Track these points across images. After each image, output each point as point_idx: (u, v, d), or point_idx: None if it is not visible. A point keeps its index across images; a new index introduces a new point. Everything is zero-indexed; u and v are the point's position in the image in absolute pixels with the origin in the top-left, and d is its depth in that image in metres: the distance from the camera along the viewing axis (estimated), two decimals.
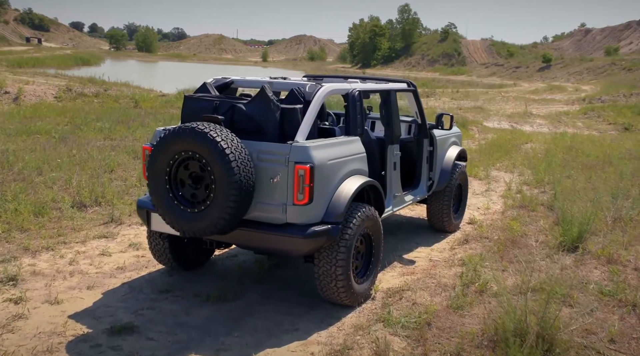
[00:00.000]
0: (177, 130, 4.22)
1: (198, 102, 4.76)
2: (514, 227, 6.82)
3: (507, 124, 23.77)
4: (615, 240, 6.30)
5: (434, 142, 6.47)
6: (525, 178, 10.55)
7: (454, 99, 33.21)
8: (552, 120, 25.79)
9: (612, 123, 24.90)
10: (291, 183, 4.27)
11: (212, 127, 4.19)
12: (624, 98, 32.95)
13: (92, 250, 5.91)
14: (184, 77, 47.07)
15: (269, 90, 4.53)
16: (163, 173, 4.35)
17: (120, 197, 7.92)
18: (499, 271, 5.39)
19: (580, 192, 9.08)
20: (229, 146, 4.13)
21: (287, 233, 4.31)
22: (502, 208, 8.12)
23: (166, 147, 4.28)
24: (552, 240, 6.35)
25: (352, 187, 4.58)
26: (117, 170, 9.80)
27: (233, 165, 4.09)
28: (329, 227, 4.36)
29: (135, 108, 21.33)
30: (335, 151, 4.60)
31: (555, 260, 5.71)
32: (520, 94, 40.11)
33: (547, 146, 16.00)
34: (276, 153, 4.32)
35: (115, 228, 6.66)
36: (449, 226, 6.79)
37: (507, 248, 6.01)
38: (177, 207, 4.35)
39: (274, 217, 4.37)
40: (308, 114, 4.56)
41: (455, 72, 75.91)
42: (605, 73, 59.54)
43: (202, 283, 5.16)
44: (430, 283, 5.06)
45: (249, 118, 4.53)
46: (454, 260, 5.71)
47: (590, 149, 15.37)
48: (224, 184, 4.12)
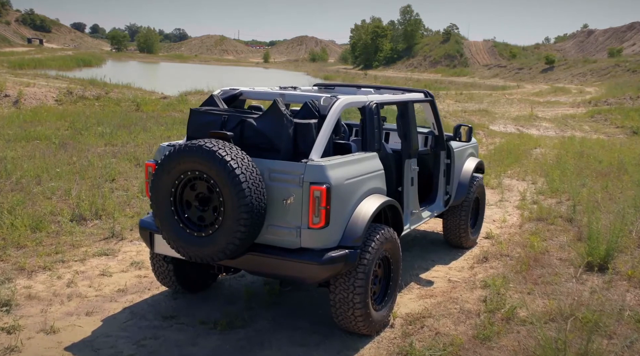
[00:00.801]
0: (183, 148, 3.91)
1: (205, 116, 4.44)
2: (534, 243, 6.49)
3: (513, 128, 23.45)
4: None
5: (451, 154, 6.15)
6: (539, 187, 10.23)
7: (458, 102, 32.88)
8: (559, 123, 25.46)
9: (620, 126, 24.57)
10: (306, 205, 3.95)
11: (220, 144, 3.87)
12: (631, 101, 32.60)
13: (91, 269, 5.59)
14: (186, 78, 46.81)
15: (281, 104, 4.21)
16: (168, 193, 4.03)
17: (122, 209, 7.60)
18: (525, 294, 5.06)
19: (598, 203, 8.76)
20: (239, 166, 3.81)
21: (302, 259, 3.99)
22: (519, 220, 7.79)
23: (171, 166, 3.96)
24: (577, 258, 6.02)
25: (370, 208, 4.26)
26: (118, 179, 9.49)
27: (244, 187, 3.78)
28: (346, 252, 4.04)
29: (136, 112, 21.03)
30: (353, 169, 4.28)
31: (582, 281, 5.39)
32: (524, 96, 39.78)
33: (557, 151, 15.67)
34: (289, 173, 4.00)
35: (116, 244, 6.34)
36: (466, 242, 6.47)
37: (530, 267, 5.68)
38: (183, 230, 4.03)
39: (287, 240, 4.05)
40: (323, 130, 4.24)
41: (457, 73, 75.57)
42: (609, 74, 59.17)
43: (208, 307, 4.84)
44: (453, 308, 4.73)
45: (259, 134, 4.21)
46: (475, 281, 5.38)
47: (601, 155, 15.04)
48: (234, 207, 3.80)
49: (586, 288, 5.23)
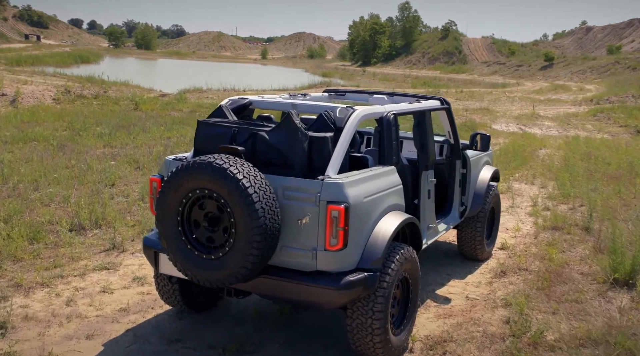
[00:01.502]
0: (191, 165, 3.64)
1: (213, 128, 4.17)
2: (552, 255, 6.24)
3: (516, 127, 23.21)
4: None
5: (467, 163, 5.89)
6: (550, 192, 9.98)
7: (459, 100, 32.61)
8: (561, 122, 25.23)
9: (624, 125, 24.34)
10: (322, 226, 3.69)
11: (231, 161, 3.61)
12: (633, 100, 32.36)
13: (91, 285, 5.32)
14: (184, 75, 46.51)
15: (295, 116, 3.94)
16: (174, 212, 3.76)
17: (122, 217, 7.33)
18: (549, 314, 4.81)
19: (613, 210, 8.52)
20: (252, 184, 3.54)
21: (318, 283, 3.72)
22: (533, 229, 7.54)
23: (178, 184, 3.70)
24: (599, 272, 5.78)
25: (390, 227, 4.00)
26: (118, 184, 9.22)
27: (257, 207, 3.51)
28: (365, 275, 3.78)
29: (135, 111, 20.74)
30: (371, 186, 4.02)
31: (608, 299, 5.14)
32: (524, 94, 39.53)
33: (564, 153, 15.43)
34: (305, 191, 3.73)
35: (117, 256, 6.07)
36: (482, 254, 6.22)
37: (552, 283, 5.43)
38: (191, 251, 3.77)
39: (302, 263, 3.79)
40: (340, 144, 3.97)
41: (456, 70, 75.31)
42: (608, 72, 58.94)
43: (216, 329, 4.58)
44: (475, 331, 4.48)
45: (272, 149, 3.94)
46: (495, 299, 5.13)
47: (609, 156, 14.80)
48: (246, 229, 3.54)
49: (613, 307, 4.98)
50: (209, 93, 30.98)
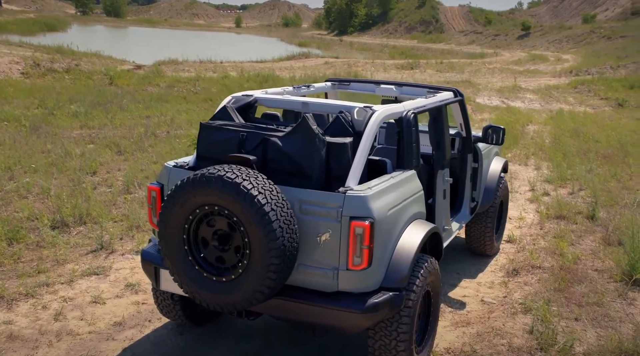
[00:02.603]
0: (199, 179, 3.24)
1: (219, 132, 3.75)
2: (563, 250, 6.01)
3: (498, 100, 23.02)
4: None
5: (479, 157, 5.58)
6: (546, 175, 9.77)
7: (439, 71, 32.28)
8: (543, 94, 25.12)
9: (604, 98, 24.34)
10: (345, 244, 3.34)
11: (244, 174, 3.22)
12: (612, 71, 32.42)
13: (81, 295, 4.92)
14: (157, 45, 45.21)
15: (312, 121, 3.54)
16: (179, 230, 3.38)
17: (108, 211, 6.89)
18: (572, 321, 4.58)
19: (613, 194, 8.34)
20: (268, 201, 3.17)
21: (341, 305, 3.39)
22: (537, 218, 7.30)
23: (184, 199, 3.30)
24: (614, 268, 5.57)
25: (415, 241, 3.67)
26: (99, 172, 8.73)
27: (274, 227, 3.14)
28: (391, 295, 3.45)
29: (110, 86, 19.99)
30: (395, 196, 3.67)
31: (629, 301, 4.93)
32: (504, 65, 39.36)
33: (552, 129, 15.27)
34: (325, 205, 3.37)
35: (106, 259, 5.66)
36: (491, 250, 5.96)
37: (568, 283, 5.20)
38: (199, 273, 3.40)
39: (322, 283, 3.45)
40: (360, 151, 3.60)
41: (433, 39, 74.77)
42: (584, 42, 59.09)
43: (221, 345, 4.23)
44: (499, 344, 4.21)
45: (285, 157, 3.55)
46: (512, 304, 4.87)
47: (596, 133, 14.69)
48: (263, 250, 3.17)
49: (637, 310, 4.77)
50: (185, 65, 30.10)
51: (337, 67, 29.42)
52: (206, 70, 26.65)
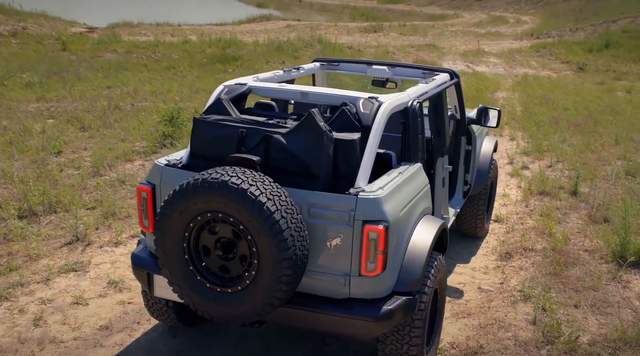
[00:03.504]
0: (200, 184, 2.96)
1: (215, 128, 3.44)
2: (552, 229, 5.97)
3: (463, 64, 22.99)
4: None
5: (472, 139, 5.41)
6: (522, 146, 9.75)
7: (403, 34, 31.96)
8: (506, 58, 25.20)
9: (566, 62, 24.59)
10: (358, 249, 3.14)
11: (251, 179, 2.96)
12: (571, 33, 32.72)
13: (60, 295, 4.61)
14: (108, 4, 43.16)
15: (318, 116, 3.28)
16: (179, 238, 3.11)
17: (79, 197, 6.50)
18: (571, 308, 4.54)
19: (590, 166, 8.38)
20: (278, 208, 2.92)
21: (354, 313, 3.21)
22: (520, 195, 7.26)
23: (184, 206, 3.03)
24: (603, 248, 5.56)
25: (427, 241, 3.49)
26: (65, 152, 8.26)
27: (285, 236, 2.91)
28: (404, 300, 3.28)
29: (63, 52, 19.02)
30: (405, 194, 3.47)
31: (624, 284, 4.92)
32: (465, 27, 39.25)
33: (520, 96, 15.29)
34: (335, 208, 3.14)
35: (83, 252, 5.32)
36: (481, 231, 5.87)
37: (563, 266, 5.16)
38: (201, 284, 3.15)
39: (332, 289, 3.25)
40: (369, 147, 3.36)
41: (393, 0, 73.93)
42: (542, 2, 59.39)
43: (217, 348, 4.02)
44: (504, 338, 4.12)
45: (290, 155, 3.29)
46: (511, 291, 4.79)
47: (563, 99, 14.80)
48: (273, 261, 2.94)
49: (632, 294, 4.76)
50: (141, 28, 28.91)
51: (299, 30, 28.76)
52: (164, 34, 25.64)
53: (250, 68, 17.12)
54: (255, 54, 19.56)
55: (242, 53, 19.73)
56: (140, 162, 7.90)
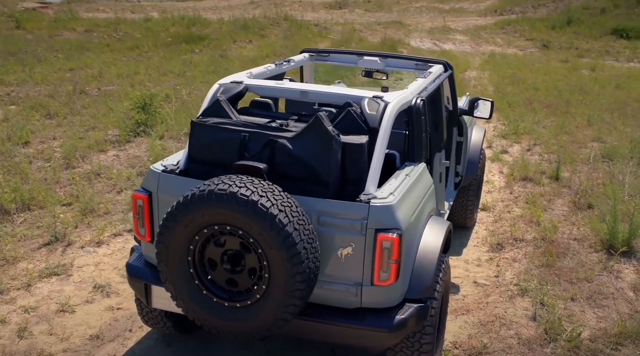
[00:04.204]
0: (207, 196, 2.79)
1: (215, 132, 3.25)
2: (539, 217, 5.99)
3: (430, 42, 22.96)
4: None
5: (464, 130, 5.34)
6: (499, 129, 9.77)
7: (368, 11, 31.71)
8: (472, 36, 25.28)
9: (530, 39, 24.82)
10: (370, 258, 3.02)
11: (260, 189, 2.80)
12: (533, 10, 32.98)
13: (44, 302, 4.38)
14: None
15: (326, 120, 3.12)
16: (183, 251, 2.94)
17: (52, 191, 6.21)
18: (568, 301, 4.55)
19: (568, 149, 8.45)
20: (290, 220, 2.78)
21: (366, 324, 3.10)
22: (503, 181, 7.26)
23: (189, 219, 2.85)
24: (591, 237, 5.60)
25: (436, 245, 3.40)
26: (32, 142, 7.89)
27: (299, 249, 2.77)
28: (416, 308, 3.19)
29: (18, 30, 18.24)
30: (414, 197, 3.36)
31: (616, 274, 4.96)
32: (430, 3, 39.08)
33: (491, 76, 15.34)
34: (346, 217, 3.01)
35: (63, 254, 5.08)
36: (471, 221, 5.83)
37: (555, 257, 5.16)
38: (208, 298, 3.00)
39: (343, 299, 3.14)
40: (378, 151, 3.22)
41: None
42: None
43: (216, 354, 3.89)
44: (507, 335, 4.09)
45: (296, 161, 3.12)
46: (507, 285, 4.77)
47: (532, 78, 14.91)
48: (286, 275, 2.81)
49: (626, 284, 4.80)
50: (98, 4, 27.99)
51: (264, 6, 28.24)
52: (124, 11, 24.85)
53: (218, 48, 16.72)
54: (221, 33, 19.10)
55: (208, 32, 19.24)
56: (114, 152, 7.60)
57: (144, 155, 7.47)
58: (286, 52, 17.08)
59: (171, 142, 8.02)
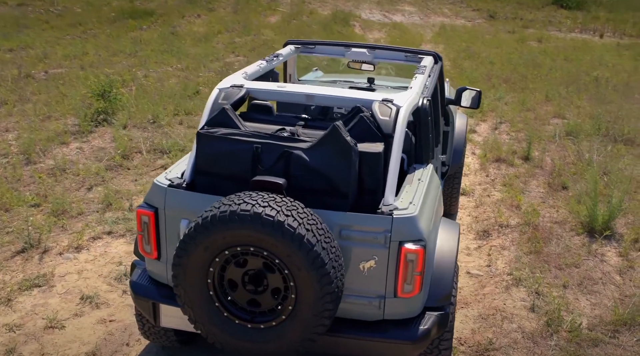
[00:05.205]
0: (229, 217, 2.64)
1: (224, 143, 3.07)
2: (519, 201, 6.08)
3: (380, 14, 22.86)
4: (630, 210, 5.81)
5: (450, 120, 5.30)
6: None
7: None
8: (420, 6, 25.29)
9: (476, 9, 25.06)
10: (394, 271, 2.95)
11: (285, 208, 2.67)
12: None
13: (29, 318, 4.12)
14: None
15: (344, 130, 3.00)
16: (202, 274, 2.80)
17: (16, 192, 5.85)
18: (560, 288, 4.64)
19: (532, 126, 8.61)
20: (318, 239, 2.67)
21: (389, 337, 3.05)
22: (477, 163, 7.33)
23: (210, 241, 2.70)
24: (571, 219, 5.73)
25: (452, 251, 3.36)
26: None
27: (328, 269, 2.68)
28: (437, 316, 3.15)
29: None
30: (429, 203, 3.29)
31: (600, 257, 5.09)
32: None
33: (445, 49, 15.40)
34: (369, 230, 2.92)
35: (41, 261, 4.79)
36: (455, 209, 5.85)
37: (541, 242, 5.25)
38: (229, 321, 2.87)
39: (365, 312, 3.07)
40: (394, 159, 3.12)
41: None
42: None
43: None
44: (510, 329, 4.13)
45: (314, 173, 2.98)
46: (501, 275, 4.82)
47: (485, 51, 15.09)
48: (315, 296, 2.71)
49: (611, 268, 4.94)
50: None
51: None
52: None
53: (168, 24, 16.11)
54: (167, 7, 18.41)
55: (153, 6, 18.49)
56: (77, 145, 7.21)
57: (110, 147, 7.13)
58: (238, 28, 16.65)
59: (136, 131, 7.68)
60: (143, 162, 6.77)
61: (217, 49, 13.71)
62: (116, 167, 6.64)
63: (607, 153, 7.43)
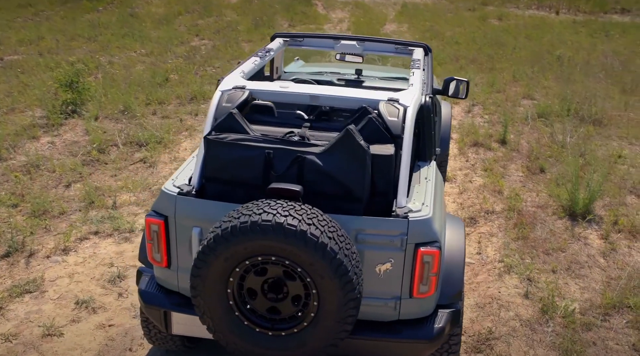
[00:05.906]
0: (250, 228, 2.61)
1: (234, 149, 3.01)
2: (501, 187, 6.21)
3: None
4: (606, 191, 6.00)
5: (438, 109, 5.33)
6: None
7: None
8: None
9: None
10: (409, 272, 2.98)
11: (306, 217, 2.65)
12: None
13: (25, 327, 4.00)
14: None
15: (357, 134, 2.98)
16: (222, 284, 2.77)
17: None
18: (550, 274, 4.78)
19: (504, 108, 8.76)
20: (340, 247, 2.67)
21: (405, 337, 3.09)
22: (456, 147, 7.42)
23: (230, 252, 2.67)
24: (551, 203, 5.89)
25: (460, 248, 3.40)
26: None
27: (351, 276, 2.68)
28: (450, 314, 3.21)
29: None
30: (438, 202, 3.32)
31: (583, 241, 5.25)
32: None
33: (410, 30, 15.43)
34: (385, 233, 2.94)
35: (28, 266, 4.64)
36: None
37: (527, 227, 5.38)
38: (250, 329, 2.86)
39: (380, 313, 3.10)
40: (405, 161, 3.12)
41: None
42: None
43: None
44: (508, 318, 4.23)
45: (327, 178, 2.96)
46: (492, 263, 4.93)
47: (449, 31, 15.19)
48: (338, 303, 2.72)
49: (595, 251, 5.10)
50: None
51: None
52: None
53: (125, 5, 15.60)
54: None
55: None
56: (48, 139, 6.97)
57: (83, 140, 6.92)
58: (198, 9, 16.27)
59: (109, 122, 7.47)
60: (120, 156, 6.60)
61: (180, 32, 13.39)
62: (93, 161, 6.45)
63: (580, 134, 7.63)
